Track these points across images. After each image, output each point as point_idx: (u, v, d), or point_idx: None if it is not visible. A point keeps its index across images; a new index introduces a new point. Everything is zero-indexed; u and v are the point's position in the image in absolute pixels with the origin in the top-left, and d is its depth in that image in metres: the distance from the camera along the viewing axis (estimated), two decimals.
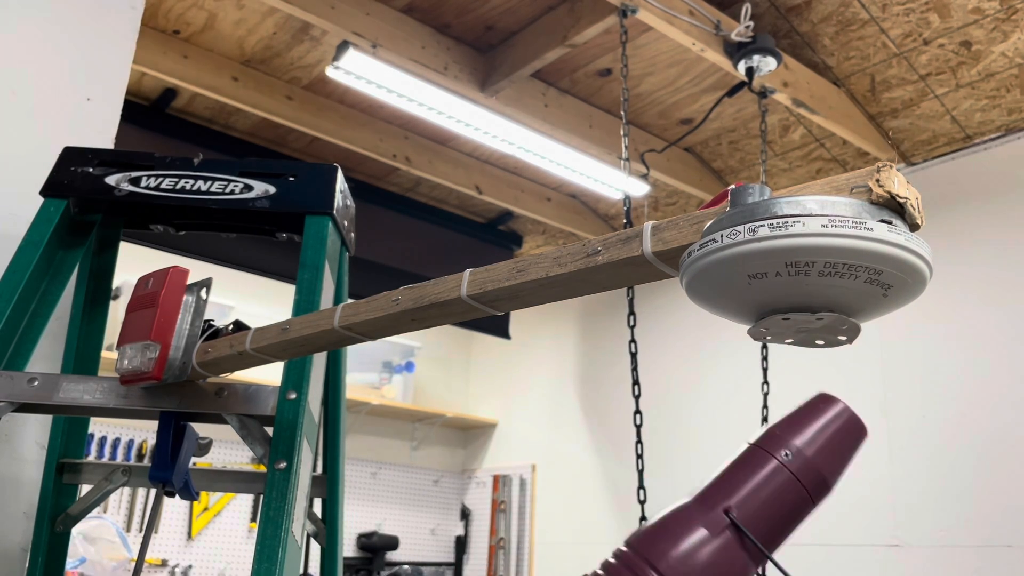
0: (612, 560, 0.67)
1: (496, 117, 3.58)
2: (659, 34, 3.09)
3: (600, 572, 0.66)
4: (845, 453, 0.66)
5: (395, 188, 4.66)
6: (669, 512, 0.67)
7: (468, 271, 0.82)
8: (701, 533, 0.63)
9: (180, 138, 3.90)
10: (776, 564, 0.63)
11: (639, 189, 4.19)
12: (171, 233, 1.51)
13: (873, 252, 0.57)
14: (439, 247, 4.76)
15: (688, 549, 0.62)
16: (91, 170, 1.44)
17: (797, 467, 0.64)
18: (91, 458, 4.17)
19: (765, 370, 3.07)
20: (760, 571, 0.65)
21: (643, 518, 2.42)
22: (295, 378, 1.19)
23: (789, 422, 0.67)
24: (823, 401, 0.67)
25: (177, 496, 1.24)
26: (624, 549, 0.67)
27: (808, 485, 0.64)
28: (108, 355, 1.42)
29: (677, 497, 0.69)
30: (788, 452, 0.65)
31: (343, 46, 3.16)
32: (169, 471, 1.19)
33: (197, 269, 1.19)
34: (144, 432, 4.45)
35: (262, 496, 1.13)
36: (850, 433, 0.66)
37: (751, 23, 3.02)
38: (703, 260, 0.62)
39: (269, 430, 1.17)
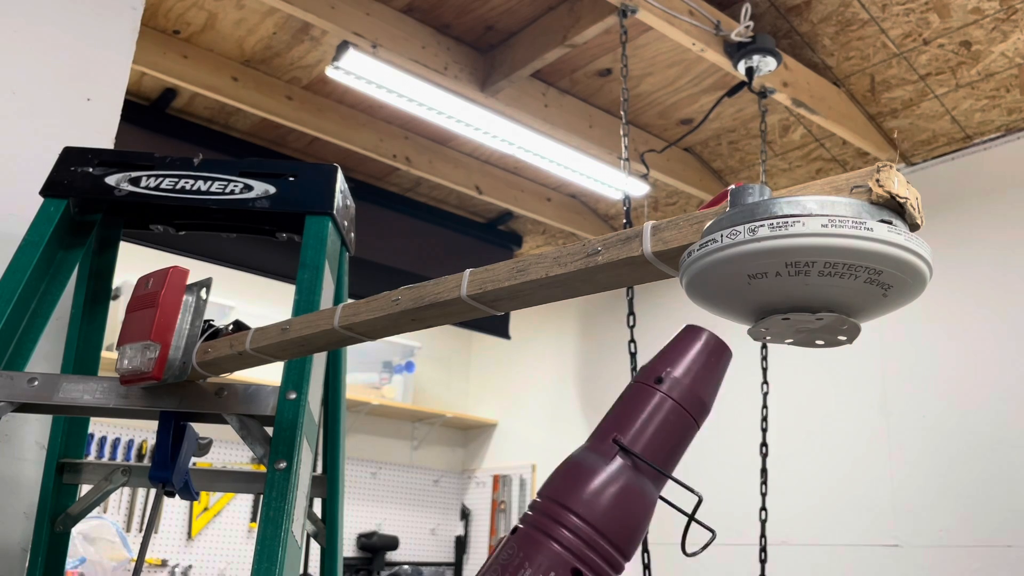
0: (529, 512, 0.71)
1: (496, 117, 3.58)
2: (659, 34, 3.09)
3: (520, 525, 0.70)
4: (717, 375, 0.73)
5: (395, 188, 4.66)
6: (569, 457, 0.71)
7: (468, 271, 0.82)
8: (601, 467, 0.68)
9: (180, 138, 3.90)
10: (674, 479, 0.67)
11: (639, 189, 4.19)
12: (171, 233, 1.51)
13: (873, 252, 0.57)
14: (439, 247, 4.76)
15: (595, 484, 0.68)
16: (91, 170, 1.44)
17: (678, 394, 0.70)
18: (91, 458, 4.17)
19: (765, 370, 3.07)
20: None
21: None
22: (295, 378, 1.19)
23: (663, 355, 0.73)
24: (690, 332, 0.73)
25: (177, 496, 1.24)
26: (538, 500, 0.71)
27: (690, 409, 0.70)
28: (108, 355, 1.42)
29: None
30: (662, 379, 0.70)
31: (343, 46, 3.16)
32: (169, 471, 1.19)
33: (197, 269, 1.20)
34: (144, 432, 4.45)
35: (262, 496, 1.13)
36: (718, 356, 0.72)
37: (751, 23, 3.02)
38: (703, 260, 0.62)
39: (269, 430, 1.17)
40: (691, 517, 0.66)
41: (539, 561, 0.65)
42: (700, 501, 0.65)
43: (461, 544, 5.64)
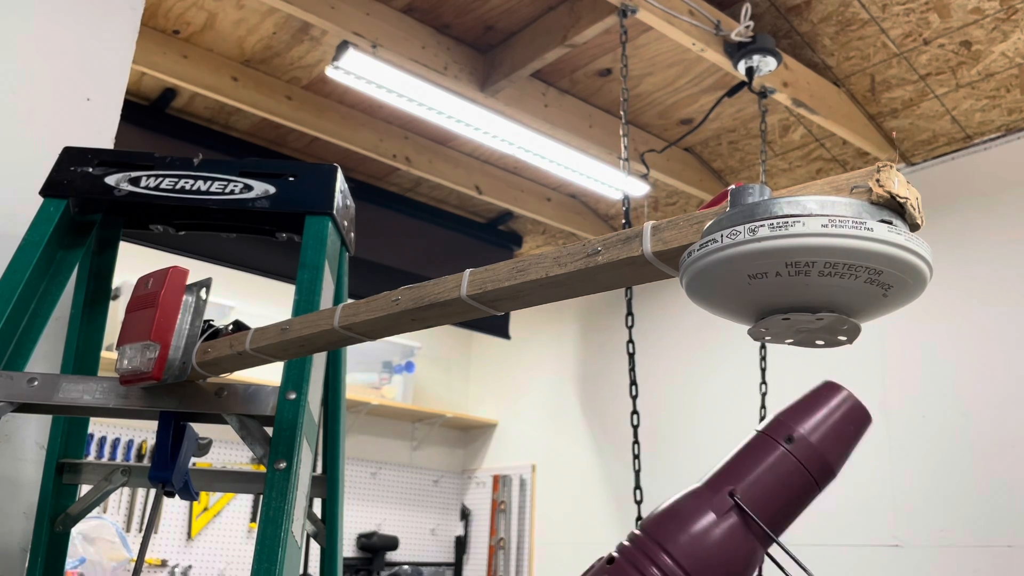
0: (627, 543, 0.69)
1: (496, 117, 3.58)
2: (659, 34, 3.09)
3: (615, 555, 0.68)
4: (849, 439, 0.68)
5: (395, 188, 4.66)
6: (678, 497, 0.69)
7: (468, 271, 0.82)
8: (709, 516, 0.66)
9: (180, 138, 3.90)
10: (782, 546, 0.65)
11: (639, 189, 4.19)
12: (171, 233, 1.51)
13: (873, 252, 0.57)
14: (439, 247, 4.76)
15: (697, 532, 0.65)
16: (91, 170, 1.43)
17: (802, 453, 0.67)
18: (91, 458, 4.17)
19: (764, 370, 3.07)
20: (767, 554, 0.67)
21: (639, 519, 2.43)
22: (295, 378, 1.19)
23: (794, 409, 0.69)
24: (827, 389, 0.69)
25: (177, 496, 1.24)
26: (637, 533, 0.69)
27: (813, 471, 0.67)
28: (108, 355, 1.42)
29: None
30: (793, 439, 0.67)
31: (343, 46, 3.16)
32: (169, 471, 1.19)
33: (197, 269, 1.19)
34: (144, 432, 4.45)
35: (262, 496, 1.13)
36: (854, 420, 0.68)
37: (751, 23, 3.02)
38: (703, 260, 0.62)
39: (269, 430, 1.17)
40: None
41: None
42: None
43: (461, 544, 5.64)
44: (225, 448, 4.68)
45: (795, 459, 0.66)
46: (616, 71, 3.58)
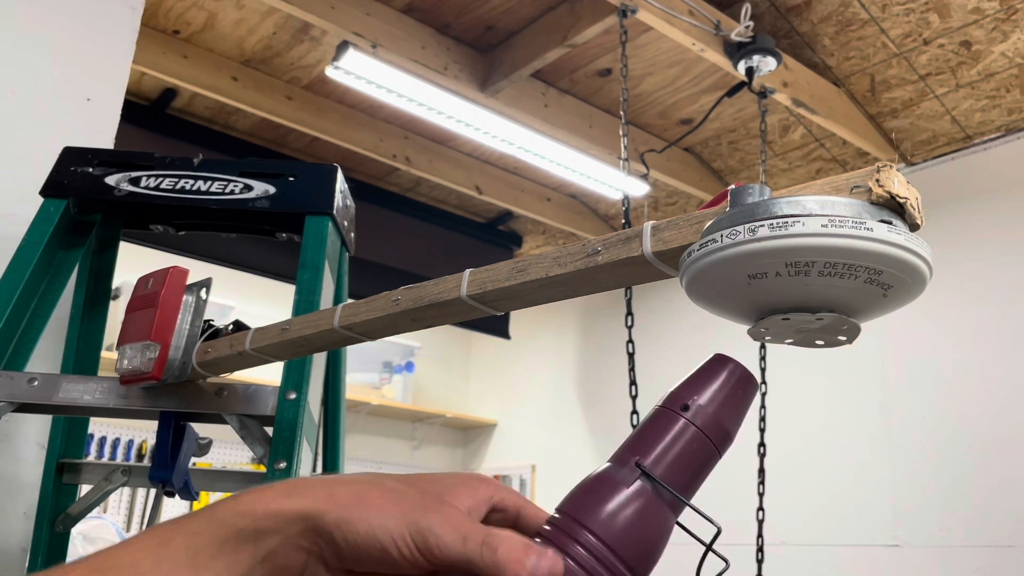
0: (547, 527, 0.71)
1: (496, 117, 3.58)
2: (659, 34, 3.09)
3: (537, 540, 0.71)
4: (743, 406, 0.72)
5: (395, 188, 4.66)
6: (590, 475, 0.72)
7: (468, 271, 0.81)
8: (620, 488, 0.68)
9: (180, 138, 3.90)
10: (694, 508, 0.68)
11: (639, 189, 4.19)
12: (171, 233, 1.51)
13: (873, 252, 0.57)
14: (439, 247, 4.75)
15: (614, 506, 0.68)
16: (91, 170, 1.44)
17: (703, 423, 0.70)
18: (91, 458, 4.17)
19: (763, 370, 3.07)
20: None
21: None
22: (295, 378, 1.19)
23: (690, 382, 0.72)
24: (718, 360, 0.72)
25: (177, 496, 1.24)
26: (556, 515, 0.72)
27: (714, 438, 0.70)
28: (108, 355, 1.42)
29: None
30: (689, 407, 0.70)
31: (343, 46, 3.16)
32: (169, 471, 1.19)
33: (197, 269, 1.19)
34: (144, 432, 4.44)
35: None
36: (745, 387, 0.71)
37: (751, 23, 3.02)
38: (703, 260, 0.62)
39: (269, 430, 1.17)
40: (708, 547, 0.66)
41: None
42: (719, 532, 0.65)
43: None
44: (225, 448, 4.67)
45: (693, 425, 0.70)
46: (616, 71, 3.58)
